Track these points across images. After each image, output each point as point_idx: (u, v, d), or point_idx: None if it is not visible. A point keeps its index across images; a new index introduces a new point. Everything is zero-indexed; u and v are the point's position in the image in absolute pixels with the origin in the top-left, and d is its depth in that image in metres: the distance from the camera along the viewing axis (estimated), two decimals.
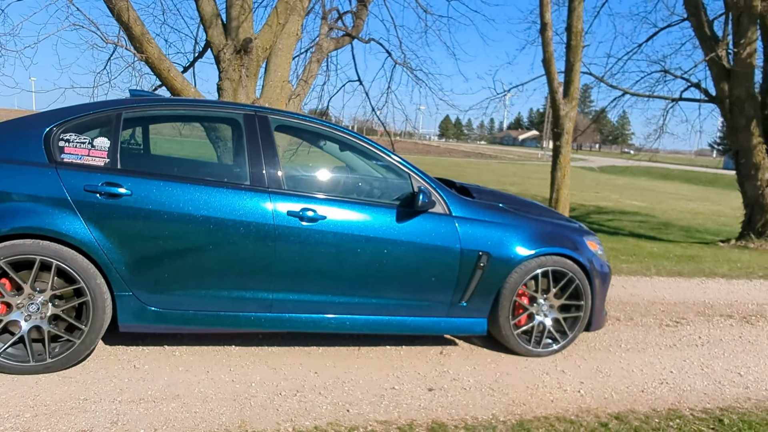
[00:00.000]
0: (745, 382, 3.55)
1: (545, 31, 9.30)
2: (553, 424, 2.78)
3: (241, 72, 8.21)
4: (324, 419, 2.66)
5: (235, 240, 3.01)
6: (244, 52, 8.09)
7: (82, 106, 3.08)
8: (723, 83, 11.17)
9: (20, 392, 2.67)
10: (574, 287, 3.65)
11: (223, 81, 8.22)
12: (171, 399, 2.73)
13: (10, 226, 2.71)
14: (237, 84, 8.22)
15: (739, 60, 10.73)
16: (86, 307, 2.86)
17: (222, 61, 8.21)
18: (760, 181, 10.94)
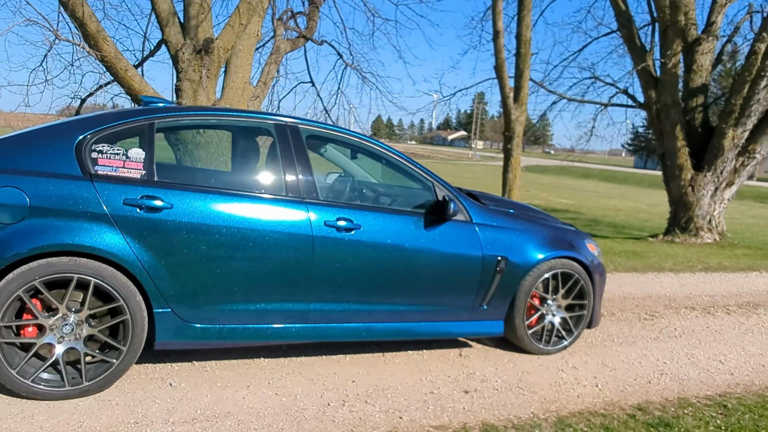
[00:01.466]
0: (729, 368, 3.93)
1: (497, 38, 9.67)
2: (589, 419, 2.97)
3: (202, 73, 7.97)
4: (382, 428, 2.71)
5: (276, 252, 2.99)
6: (205, 53, 7.86)
7: (110, 114, 2.94)
8: (651, 91, 12.05)
9: (62, 419, 2.52)
10: (579, 288, 3.89)
11: (182, 82, 7.96)
12: (224, 417, 2.68)
13: (46, 243, 2.55)
14: (197, 85, 7.98)
15: (665, 69, 11.62)
16: (125, 325, 2.74)
17: (180, 61, 7.93)
18: (684, 181, 11.89)
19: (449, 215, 3.34)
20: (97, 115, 2.93)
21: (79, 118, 2.92)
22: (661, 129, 12.09)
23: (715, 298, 5.96)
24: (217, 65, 8.12)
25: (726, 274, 7.44)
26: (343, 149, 3.95)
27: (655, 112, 12.14)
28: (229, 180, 3.12)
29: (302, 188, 3.12)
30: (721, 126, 11.52)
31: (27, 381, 2.59)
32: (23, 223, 2.55)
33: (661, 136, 12.19)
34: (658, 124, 12.16)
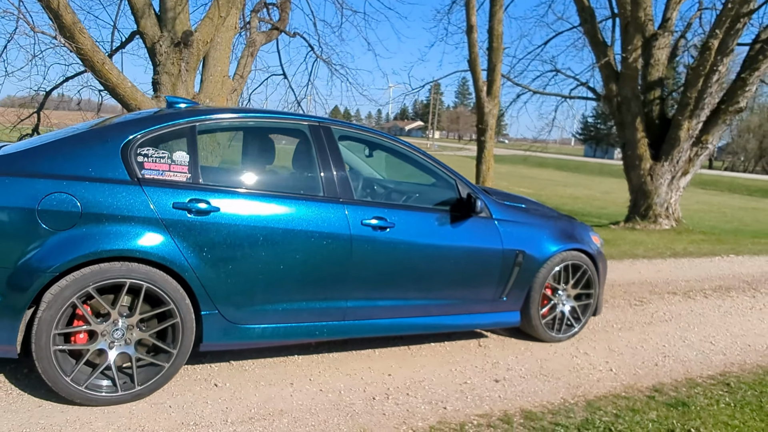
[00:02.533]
0: (720, 349, 4.25)
1: (471, 33, 9.86)
2: (614, 402, 3.18)
3: (181, 66, 7.84)
4: (431, 419, 2.83)
5: (316, 251, 3.05)
6: (184, 46, 7.72)
7: (151, 117, 2.91)
8: (612, 84, 12.53)
9: (121, 425, 2.53)
10: (587, 278, 4.11)
11: (160, 75, 7.81)
12: (279, 415, 2.74)
13: (99, 248, 2.53)
14: (176, 78, 7.85)
15: (626, 64, 12.11)
16: (175, 329, 2.75)
17: (158, 54, 7.77)
18: (643, 170, 12.46)
19: (477, 212, 3.47)
20: (138, 118, 2.90)
21: (120, 121, 2.88)
22: (622, 121, 12.61)
23: (691, 283, 6.36)
24: (197, 58, 7.98)
25: (693, 260, 7.92)
26: (354, 146, 4.02)
27: (615, 104, 12.64)
28: (268, 181, 3.14)
29: (338, 188, 3.18)
30: (677, 118, 12.12)
31: (81, 388, 2.58)
32: (75, 229, 2.52)
33: (621, 127, 12.72)
34: (619, 116, 12.67)
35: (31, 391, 2.73)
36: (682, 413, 3.09)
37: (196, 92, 8.22)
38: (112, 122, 2.89)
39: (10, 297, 2.44)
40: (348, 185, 3.22)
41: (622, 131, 12.75)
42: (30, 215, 2.46)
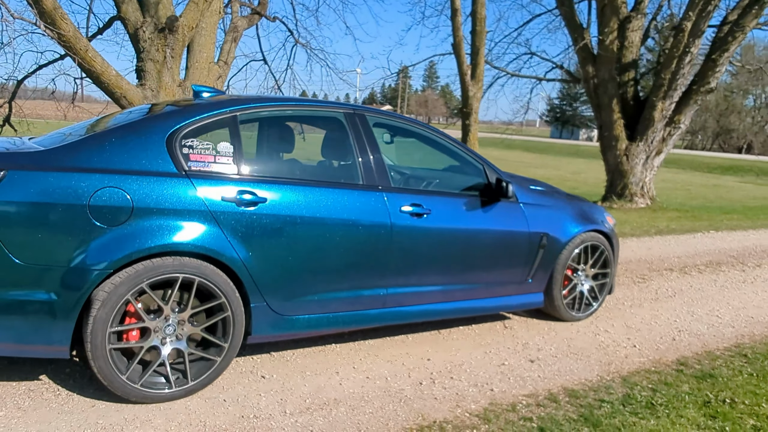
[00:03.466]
0: (728, 322, 4.44)
1: (455, 16, 9.86)
2: (647, 377, 3.30)
3: (166, 52, 7.64)
4: (481, 401, 2.88)
5: (359, 240, 3.04)
6: (169, 31, 7.51)
7: (193, 107, 2.84)
8: (589, 66, 12.73)
9: (182, 421, 2.49)
10: (604, 258, 4.22)
11: (145, 62, 7.58)
12: (335, 404, 2.74)
13: (153, 244, 2.48)
14: (161, 65, 7.65)
15: (603, 46, 12.31)
16: (227, 322, 2.72)
17: (141, 40, 7.55)
18: (619, 151, 12.75)
19: (509, 196, 3.52)
20: (180, 109, 2.82)
21: (162, 112, 2.79)
22: (599, 103, 12.84)
23: (683, 259, 6.60)
24: (182, 44, 7.78)
25: (678, 237, 8.19)
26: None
27: (592, 86, 12.85)
28: (310, 171, 3.11)
29: (376, 176, 3.18)
30: (651, 99, 12.42)
31: (137, 385, 2.53)
32: (127, 225, 2.45)
33: (598, 109, 12.96)
34: (596, 98, 12.90)
35: (79, 392, 2.67)
36: (712, 385, 3.22)
37: (181, 79, 8.02)
38: (153, 113, 2.80)
39: (64, 296, 2.37)
40: (385, 172, 3.22)
41: (598, 113, 12.99)
42: (81, 212, 2.38)
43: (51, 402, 2.56)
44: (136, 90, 7.35)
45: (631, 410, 2.85)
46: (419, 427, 2.58)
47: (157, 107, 3.11)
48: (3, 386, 2.66)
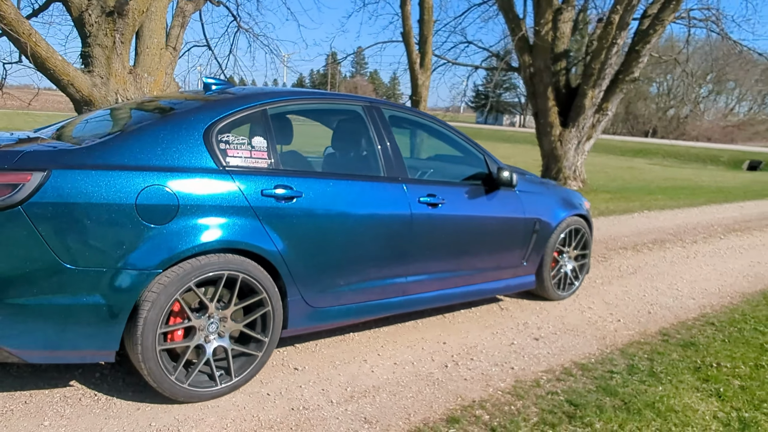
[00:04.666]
0: (688, 295, 4.89)
1: (405, 5, 9.97)
2: (640, 348, 3.61)
3: (115, 37, 7.28)
4: (507, 379, 3.06)
5: (386, 230, 3.12)
6: (119, 15, 7.15)
7: (223, 101, 2.78)
8: (525, 55, 13.26)
9: (234, 417, 2.50)
10: (584, 240, 4.53)
11: (92, 47, 7.19)
12: (375, 390, 2.83)
13: (200, 242, 2.44)
14: (111, 51, 7.28)
15: (539, 36, 12.86)
16: (267, 317, 2.73)
17: (87, 24, 7.14)
18: (554, 137, 13.42)
19: (513, 185, 3.70)
20: (211, 103, 2.76)
21: (189, 108, 2.71)
22: (534, 91, 13.43)
23: (632, 238, 7.13)
24: (132, 29, 7.42)
25: (618, 217, 8.80)
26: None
27: (528, 75, 13.41)
28: (337, 164, 3.13)
29: (396, 168, 3.26)
30: (583, 87, 13.13)
31: (185, 385, 2.51)
32: (174, 223, 2.41)
33: (534, 97, 13.55)
34: (532, 86, 13.47)
35: (117, 395, 2.60)
36: (696, 352, 3.58)
37: (131, 66, 7.63)
38: (185, 107, 2.72)
39: (114, 299, 2.30)
40: (403, 164, 3.31)
41: (534, 100, 13.57)
42: (129, 211, 2.31)
43: (93, 408, 2.48)
44: (84, 77, 6.94)
45: (638, 379, 3.13)
46: (461, 407, 2.73)
47: (176, 99, 3.02)
48: (35, 395, 2.54)
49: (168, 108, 2.87)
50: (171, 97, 3.28)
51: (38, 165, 2.19)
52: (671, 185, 18.41)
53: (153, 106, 3.02)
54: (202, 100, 2.84)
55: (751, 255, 6.62)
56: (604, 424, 2.62)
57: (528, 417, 2.66)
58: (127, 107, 3.22)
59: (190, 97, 3.02)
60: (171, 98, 3.16)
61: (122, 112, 3.11)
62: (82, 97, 7.03)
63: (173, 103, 2.97)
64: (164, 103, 3.03)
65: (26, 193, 2.13)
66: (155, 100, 3.27)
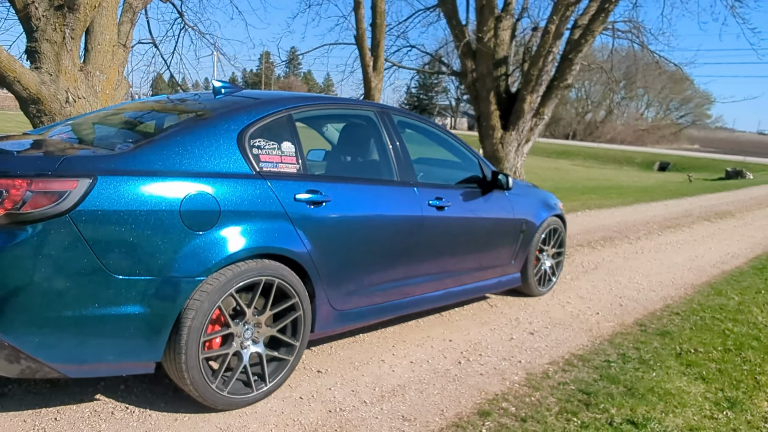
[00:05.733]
0: (648, 287, 5.29)
1: (358, 9, 10.06)
2: (624, 338, 3.90)
3: (65, 33, 6.93)
4: (519, 372, 3.23)
5: (401, 233, 3.21)
6: (69, 10, 6.79)
7: (251, 105, 2.76)
8: (468, 60, 13.70)
9: (277, 422, 2.51)
10: (561, 239, 4.81)
11: (39, 43, 6.81)
12: (401, 389, 2.91)
13: (241, 248, 2.43)
14: (60, 47, 6.92)
15: (482, 43, 13.31)
16: (298, 321, 2.75)
17: (33, 18, 6.77)
18: (495, 139, 13.93)
19: (509, 188, 3.89)
20: (240, 107, 2.73)
21: (224, 111, 2.67)
22: (477, 95, 13.89)
23: (585, 236, 7.57)
24: (83, 24, 7.05)
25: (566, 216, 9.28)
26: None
27: (471, 79, 13.86)
28: (358, 168, 3.16)
29: (407, 172, 3.35)
30: (522, 93, 13.72)
31: (224, 393, 2.49)
32: (216, 230, 2.38)
33: (476, 101, 14.01)
34: (474, 90, 13.93)
35: (150, 407, 2.54)
36: (672, 340, 3.91)
37: (82, 63, 7.24)
38: (217, 113, 2.67)
39: (159, 308, 2.25)
40: (413, 168, 3.40)
41: (476, 105, 14.03)
42: (173, 218, 2.27)
43: (128, 421, 2.41)
44: (32, 74, 6.54)
45: (633, 366, 3.39)
46: (487, 400, 2.86)
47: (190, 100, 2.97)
48: (63, 411, 2.43)
49: (193, 111, 2.82)
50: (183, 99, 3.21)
51: (83, 171, 2.11)
52: (596, 185, 19.55)
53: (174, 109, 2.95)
54: (228, 104, 2.81)
55: (688, 250, 7.21)
56: (618, 409, 2.83)
57: (549, 407, 2.83)
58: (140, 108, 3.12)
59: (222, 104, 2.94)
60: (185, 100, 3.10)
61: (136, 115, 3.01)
62: (29, 95, 6.64)
63: (198, 105, 2.92)
64: (188, 106, 2.97)
65: (73, 200, 2.06)
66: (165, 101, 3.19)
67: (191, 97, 3.26)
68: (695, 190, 16.58)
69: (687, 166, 32.75)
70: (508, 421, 2.66)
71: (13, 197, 1.98)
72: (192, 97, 3.30)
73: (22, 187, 1.99)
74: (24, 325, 2.02)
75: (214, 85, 3.16)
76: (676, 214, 10.82)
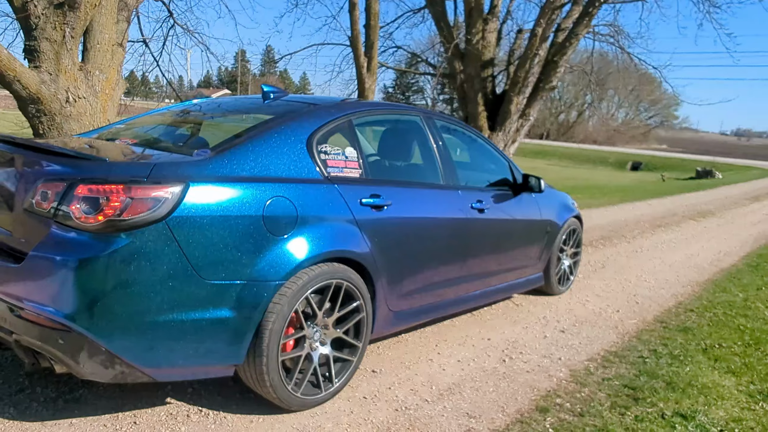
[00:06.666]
0: (657, 285, 5.47)
1: (353, 10, 10.10)
2: (650, 334, 4.04)
3: (65, 32, 6.82)
4: (562, 369, 3.34)
5: (451, 234, 3.30)
6: (69, 8, 6.68)
7: (315, 111, 2.80)
8: (457, 62, 13.85)
9: (351, 422, 2.56)
10: (579, 238, 4.95)
11: (39, 41, 6.69)
12: (457, 387, 2.99)
13: (318, 252, 2.48)
14: (60, 46, 6.81)
15: (471, 45, 13.48)
16: (361, 323, 2.80)
17: (33, 16, 6.66)
18: None
19: (542, 190, 4.00)
20: (304, 113, 2.77)
21: (293, 117, 2.70)
22: (465, 96, 14.06)
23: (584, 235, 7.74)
24: (83, 23, 6.94)
25: None
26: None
27: (459, 81, 14.02)
28: (410, 173, 3.22)
29: (452, 176, 3.43)
30: (509, 94, 13.93)
31: (298, 394, 2.53)
32: (294, 234, 2.42)
33: (464, 102, 14.18)
34: (462, 91, 14.09)
35: (223, 409, 2.56)
36: (693, 335, 4.08)
37: (81, 63, 7.11)
38: (287, 118, 2.69)
39: (245, 311, 2.28)
40: (456, 172, 3.48)
41: (464, 106, 14.20)
42: (257, 223, 2.30)
43: (206, 424, 2.43)
44: (32, 73, 6.41)
45: (666, 362, 3.53)
46: (541, 396, 2.96)
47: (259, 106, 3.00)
48: (139, 415, 2.44)
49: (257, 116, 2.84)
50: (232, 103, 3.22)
51: (175, 178, 2.13)
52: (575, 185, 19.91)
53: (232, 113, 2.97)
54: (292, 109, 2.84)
55: (683, 248, 7.46)
56: (665, 403, 2.96)
57: (601, 402, 2.94)
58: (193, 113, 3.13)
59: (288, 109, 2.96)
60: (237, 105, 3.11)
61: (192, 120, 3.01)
62: (29, 94, 6.51)
63: (259, 110, 2.95)
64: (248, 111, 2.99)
65: (169, 206, 2.08)
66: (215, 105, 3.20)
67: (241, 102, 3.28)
68: (673, 190, 17.07)
69: (659, 166, 33.66)
70: (567, 417, 2.76)
71: (113, 204, 1.99)
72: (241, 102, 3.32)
73: (122, 194, 2.00)
74: (121, 330, 2.03)
75: (263, 90, 3.18)
76: (661, 213, 11.15)
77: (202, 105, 3.33)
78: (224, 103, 3.32)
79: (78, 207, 1.99)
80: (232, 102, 3.43)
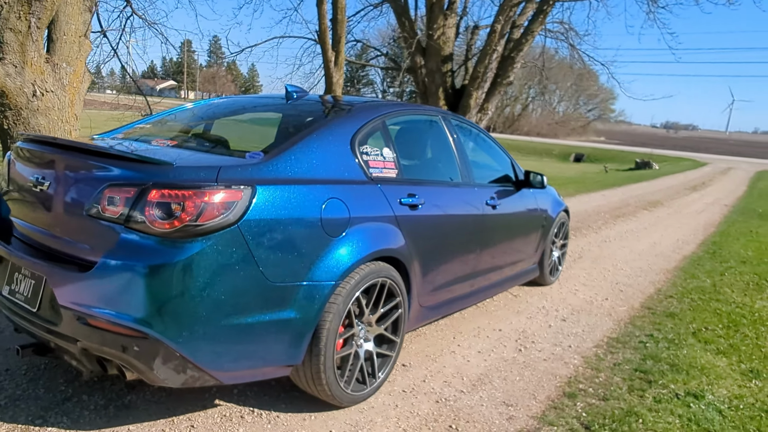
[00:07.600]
0: (633, 273, 5.80)
1: (321, 5, 10.06)
2: (641, 320, 4.31)
3: (30, 22, 6.47)
4: (575, 356, 3.53)
5: (472, 230, 3.41)
6: None
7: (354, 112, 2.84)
8: (418, 57, 14.00)
9: (398, 415, 2.64)
10: (566, 231, 5.19)
11: (3, 32, 6.37)
12: (486, 378, 3.12)
13: (368, 252, 2.54)
14: (25, 37, 6.51)
15: (432, 40, 13.65)
16: (400, 319, 2.88)
17: None
18: None
19: (544, 186, 4.18)
20: (344, 115, 2.80)
21: (334, 118, 2.72)
22: (426, 90, 14.24)
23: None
24: (50, 13, 6.64)
25: None
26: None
27: (421, 75, 14.18)
28: (435, 171, 3.29)
29: (469, 174, 3.54)
30: (469, 89, 14.21)
31: (348, 391, 2.59)
32: (347, 235, 2.47)
33: (425, 97, 14.35)
34: (423, 86, 14.27)
35: (273, 408, 2.59)
36: (680, 320, 4.38)
37: (47, 55, 6.77)
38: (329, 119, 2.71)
39: (307, 311, 2.32)
40: (472, 170, 3.60)
41: (425, 100, 14.35)
42: (316, 225, 2.34)
43: (263, 424, 2.45)
44: None
45: (664, 345, 3.79)
46: (565, 383, 3.13)
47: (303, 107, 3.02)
48: (194, 417, 2.43)
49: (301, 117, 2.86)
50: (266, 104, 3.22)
51: (243, 181, 2.13)
52: None
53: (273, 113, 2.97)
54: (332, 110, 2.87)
55: (645, 237, 7.90)
56: (676, 384, 3.19)
57: (620, 385, 3.14)
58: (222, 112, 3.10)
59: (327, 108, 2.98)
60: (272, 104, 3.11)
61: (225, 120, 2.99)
62: None
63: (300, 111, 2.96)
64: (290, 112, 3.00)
65: (241, 210, 2.08)
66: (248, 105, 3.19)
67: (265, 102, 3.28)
68: (619, 181, 17.89)
69: (600, 158, 35.09)
70: (594, 401, 2.94)
71: (189, 209, 1.98)
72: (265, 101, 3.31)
73: (196, 198, 2.00)
74: (195, 335, 2.03)
75: (287, 89, 3.19)
76: (616, 203, 11.70)
77: (227, 104, 3.30)
78: (248, 103, 3.30)
79: (152, 212, 1.97)
80: (256, 101, 3.41)
